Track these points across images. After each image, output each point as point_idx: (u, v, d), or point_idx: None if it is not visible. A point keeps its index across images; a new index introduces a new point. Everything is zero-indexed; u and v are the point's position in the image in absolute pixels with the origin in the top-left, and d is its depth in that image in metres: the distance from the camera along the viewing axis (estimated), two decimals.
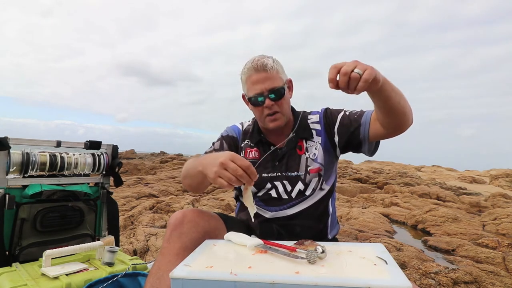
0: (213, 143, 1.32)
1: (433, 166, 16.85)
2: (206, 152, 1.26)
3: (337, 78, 0.82)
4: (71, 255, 1.36)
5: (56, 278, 1.17)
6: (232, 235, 0.94)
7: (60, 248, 1.31)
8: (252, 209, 0.97)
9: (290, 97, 1.27)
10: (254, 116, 1.31)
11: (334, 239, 1.28)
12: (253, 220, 1.03)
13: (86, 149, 1.70)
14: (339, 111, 1.23)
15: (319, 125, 1.25)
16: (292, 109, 1.30)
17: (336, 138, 1.20)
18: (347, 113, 1.20)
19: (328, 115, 1.24)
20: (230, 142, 1.30)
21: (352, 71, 0.80)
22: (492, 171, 13.32)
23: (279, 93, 1.16)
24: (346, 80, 0.81)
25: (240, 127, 1.35)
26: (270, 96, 1.15)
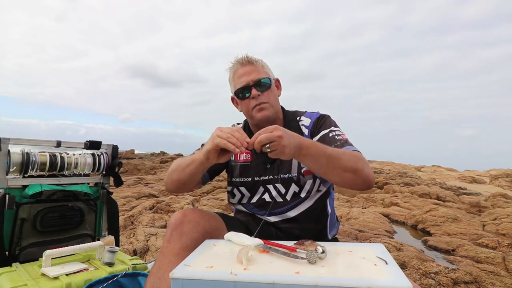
0: (202, 144, 1.29)
1: (433, 166, 16.84)
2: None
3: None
4: (71, 255, 1.35)
5: (56, 278, 1.17)
6: (232, 235, 0.94)
7: (60, 248, 1.30)
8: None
9: (279, 95, 1.26)
10: (245, 118, 1.30)
11: (334, 239, 1.27)
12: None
13: (86, 149, 1.70)
14: (327, 126, 1.18)
15: (307, 130, 1.21)
16: (282, 109, 1.28)
17: None
18: (331, 134, 1.14)
19: (317, 125, 1.20)
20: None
21: (265, 145, 0.86)
22: (492, 171, 13.32)
23: (265, 83, 1.17)
24: (258, 148, 0.87)
25: None
26: (256, 87, 1.16)
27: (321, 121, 1.21)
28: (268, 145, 0.86)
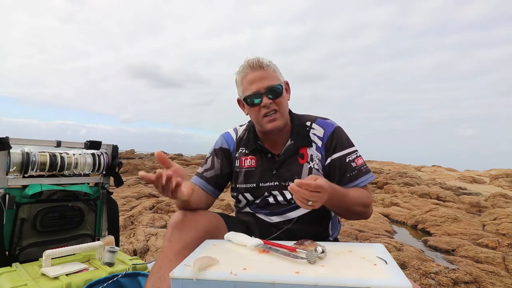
0: (206, 159, 1.28)
1: (433, 166, 16.85)
2: (198, 173, 1.25)
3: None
4: (71, 255, 1.35)
5: (56, 278, 1.17)
6: (232, 235, 0.94)
7: (60, 248, 1.30)
8: None
9: (288, 100, 1.22)
10: (249, 120, 1.27)
11: (335, 239, 1.27)
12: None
13: (86, 149, 1.69)
14: (343, 146, 1.16)
15: (321, 141, 1.18)
16: (290, 113, 1.25)
17: (326, 163, 1.18)
18: (347, 159, 1.14)
19: (332, 140, 1.18)
20: (222, 156, 1.25)
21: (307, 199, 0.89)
22: (492, 171, 13.33)
23: (277, 91, 1.12)
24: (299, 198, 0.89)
25: (234, 135, 1.30)
26: (268, 95, 1.11)
27: (337, 137, 1.18)
28: (310, 203, 0.88)
